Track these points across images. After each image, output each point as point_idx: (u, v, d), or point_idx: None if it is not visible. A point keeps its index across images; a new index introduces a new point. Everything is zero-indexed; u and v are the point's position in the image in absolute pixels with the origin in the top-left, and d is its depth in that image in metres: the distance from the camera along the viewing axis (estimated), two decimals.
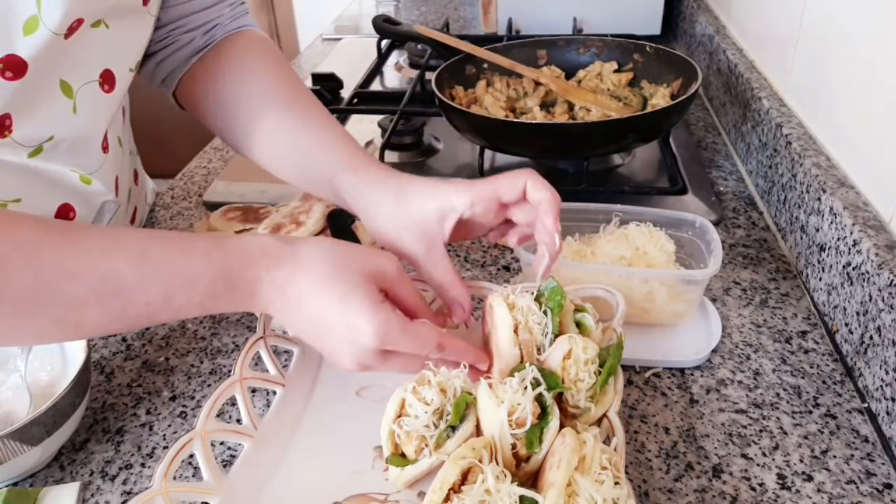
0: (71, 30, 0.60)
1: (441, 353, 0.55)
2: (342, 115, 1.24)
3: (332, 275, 0.53)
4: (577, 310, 0.61)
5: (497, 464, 0.48)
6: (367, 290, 0.53)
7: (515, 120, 1.01)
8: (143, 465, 0.61)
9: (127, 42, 0.70)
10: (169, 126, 2.13)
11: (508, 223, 0.65)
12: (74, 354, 0.63)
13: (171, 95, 0.79)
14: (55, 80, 0.63)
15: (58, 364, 0.66)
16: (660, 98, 1.04)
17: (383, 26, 1.36)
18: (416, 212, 0.61)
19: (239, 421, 0.59)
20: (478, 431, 0.53)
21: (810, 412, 0.63)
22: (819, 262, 0.75)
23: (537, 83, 1.11)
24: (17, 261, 0.47)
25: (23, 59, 0.58)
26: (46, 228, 0.49)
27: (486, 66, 1.11)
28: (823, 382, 0.66)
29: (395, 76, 1.45)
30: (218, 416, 0.56)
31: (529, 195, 0.60)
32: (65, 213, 0.69)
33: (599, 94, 1.06)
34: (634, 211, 0.74)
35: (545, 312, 0.57)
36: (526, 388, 0.51)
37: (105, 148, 0.71)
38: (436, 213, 0.61)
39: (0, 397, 0.63)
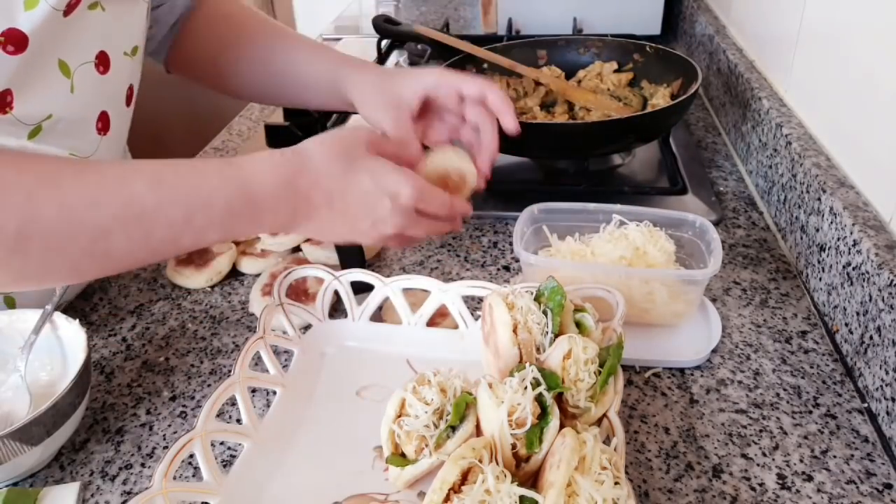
0: (70, 7, 0.62)
1: (452, 210, 0.64)
2: (342, 115, 1.23)
3: (349, 165, 0.59)
4: (577, 310, 0.61)
5: (497, 464, 0.48)
6: (382, 160, 0.60)
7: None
8: (143, 465, 0.61)
9: (121, 26, 0.72)
10: (168, 126, 2.13)
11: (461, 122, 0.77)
12: (74, 354, 0.63)
13: (162, 64, 0.88)
14: (54, 59, 0.64)
15: (58, 364, 0.66)
16: (660, 98, 1.04)
17: (383, 26, 1.37)
18: (391, 91, 0.74)
19: (239, 421, 0.59)
20: (478, 431, 0.53)
21: (810, 412, 0.63)
22: (819, 262, 0.75)
23: (537, 83, 1.11)
24: (42, 195, 0.48)
25: (23, 32, 0.59)
26: (64, 163, 0.52)
27: (486, 66, 1.11)
28: (823, 382, 0.66)
29: None
30: (218, 416, 0.56)
31: (490, 100, 0.73)
32: None
33: (599, 94, 1.06)
34: (634, 211, 0.74)
35: (545, 312, 0.57)
36: (526, 388, 0.51)
37: (100, 130, 0.72)
38: (407, 88, 0.74)
39: (0, 397, 0.63)
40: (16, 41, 0.59)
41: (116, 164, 0.54)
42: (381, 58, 1.47)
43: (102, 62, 0.69)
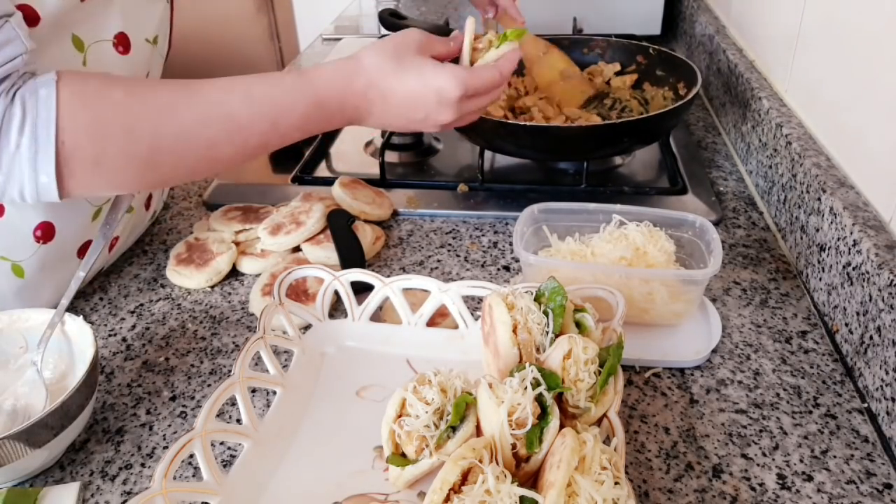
0: None
1: (502, 77, 0.72)
2: None
3: (397, 66, 0.68)
4: (577, 310, 0.61)
5: (497, 464, 0.48)
6: (427, 60, 0.69)
7: (514, 121, 1.01)
8: (143, 465, 0.61)
9: (143, 12, 0.75)
10: None
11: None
12: (82, 352, 0.63)
13: None
14: (67, 34, 0.66)
15: (64, 362, 0.65)
16: (660, 101, 1.04)
17: (390, 20, 1.36)
18: None
19: (239, 421, 0.59)
20: (478, 431, 0.53)
21: (810, 412, 0.63)
22: (819, 262, 0.75)
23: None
24: (164, 120, 0.59)
25: (37, 12, 0.61)
26: (175, 87, 0.61)
27: None
28: (823, 382, 0.66)
29: None
30: (218, 416, 0.56)
31: None
32: None
33: (568, 80, 1.05)
34: (634, 211, 0.74)
35: (545, 313, 0.57)
36: (526, 388, 0.51)
37: None
38: None
39: (17, 392, 0.63)
40: (27, 18, 0.60)
41: (214, 85, 0.62)
42: None
43: (122, 43, 0.72)
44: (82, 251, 0.75)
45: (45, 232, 0.71)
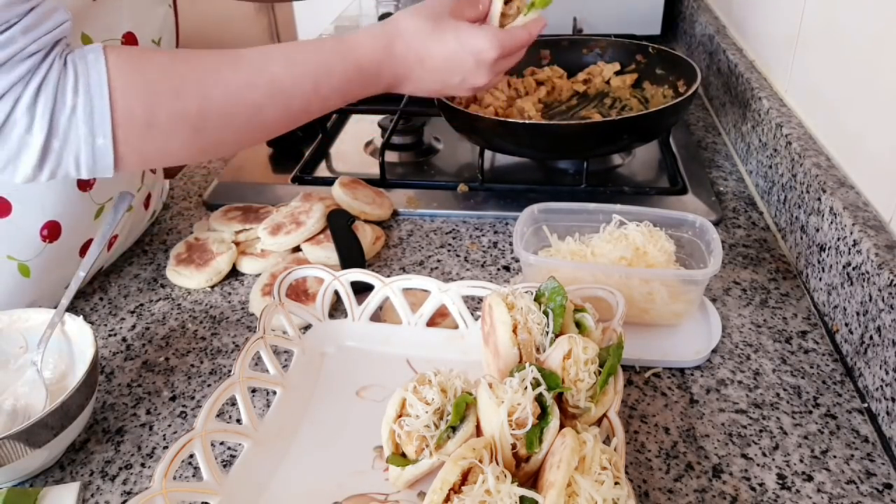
0: None
1: (531, 38, 0.74)
2: (342, 115, 1.24)
3: (434, 29, 0.69)
4: (577, 310, 0.61)
5: (497, 464, 0.48)
6: (462, 23, 0.70)
7: (513, 120, 1.01)
8: (143, 465, 0.61)
9: (148, 13, 0.76)
10: None
11: None
12: (82, 352, 0.63)
13: None
14: (77, 33, 0.66)
15: (64, 362, 0.66)
16: (660, 99, 1.04)
17: None
18: None
19: (239, 421, 0.59)
20: (478, 431, 0.53)
21: (810, 412, 0.63)
22: (819, 262, 0.75)
23: (538, 83, 1.11)
24: (210, 82, 0.60)
25: None
26: (218, 53, 0.62)
27: None
28: (823, 382, 0.66)
29: None
30: (218, 416, 0.56)
31: None
32: (83, 185, 0.72)
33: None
34: (634, 211, 0.74)
35: (546, 313, 0.57)
36: (526, 388, 0.51)
37: None
38: None
39: (17, 392, 0.63)
40: None
41: (256, 52, 0.63)
42: None
43: (130, 42, 0.72)
44: (84, 250, 0.75)
45: (52, 231, 0.71)
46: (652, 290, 0.68)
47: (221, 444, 0.61)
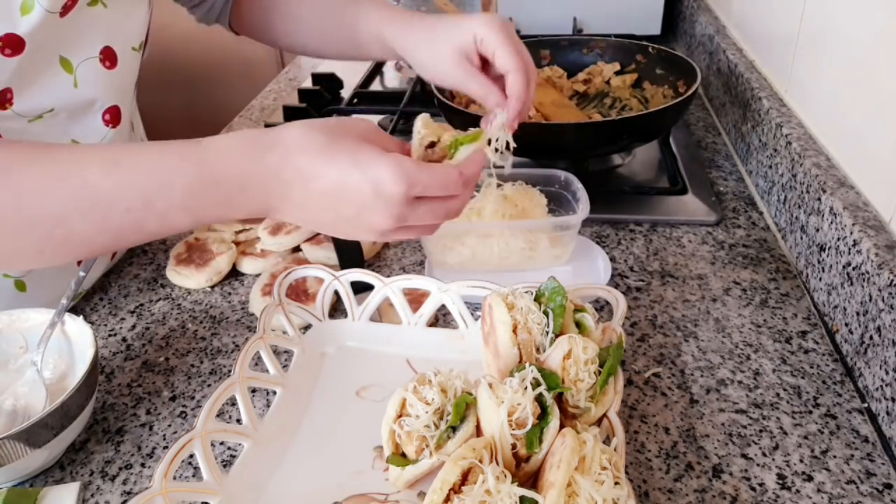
0: (66, 8, 0.63)
1: (465, 180, 0.54)
2: (342, 116, 1.23)
3: (329, 143, 0.51)
4: (577, 310, 0.61)
5: (497, 464, 0.48)
6: (370, 146, 0.51)
7: None
8: (143, 465, 0.61)
9: (126, 21, 0.73)
10: (168, 127, 2.13)
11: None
12: (81, 352, 0.63)
13: (227, 27, 0.91)
14: (55, 57, 0.65)
15: (64, 362, 0.66)
16: (660, 99, 1.04)
17: None
18: (445, 47, 0.72)
19: (239, 421, 0.59)
20: (478, 431, 0.53)
21: (810, 412, 0.63)
22: (819, 262, 0.75)
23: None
24: None
25: (20, 36, 0.60)
26: (19, 150, 0.50)
27: None
28: (823, 382, 0.66)
29: (395, 76, 1.45)
30: (218, 416, 0.56)
31: (508, 82, 0.71)
32: None
33: (563, 107, 1.06)
34: (507, 173, 0.80)
35: (545, 313, 0.57)
36: (526, 388, 0.51)
37: (108, 122, 0.73)
38: (462, 44, 0.72)
39: (17, 392, 0.63)
40: (13, 44, 0.60)
41: (74, 149, 0.52)
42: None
43: (108, 57, 0.70)
44: (80, 260, 0.74)
45: None
46: (534, 238, 0.79)
47: (221, 444, 0.61)
